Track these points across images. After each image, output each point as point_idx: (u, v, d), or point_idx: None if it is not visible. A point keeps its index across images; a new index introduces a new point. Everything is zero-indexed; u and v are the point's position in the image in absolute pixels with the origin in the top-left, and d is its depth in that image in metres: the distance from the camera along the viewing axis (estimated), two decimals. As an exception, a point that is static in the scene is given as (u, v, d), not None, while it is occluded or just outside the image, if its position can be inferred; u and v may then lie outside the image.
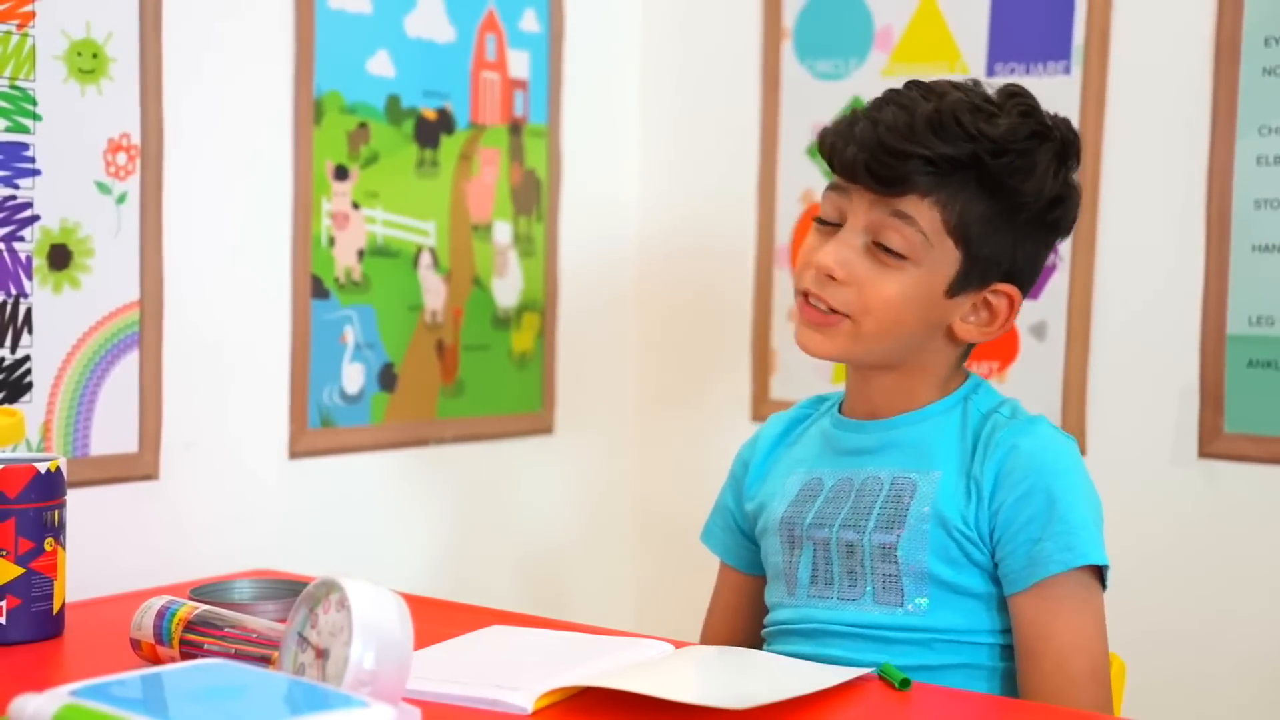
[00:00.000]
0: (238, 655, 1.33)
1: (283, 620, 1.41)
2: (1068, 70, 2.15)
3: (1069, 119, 1.54)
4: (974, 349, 1.59)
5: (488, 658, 1.45)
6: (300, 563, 1.97)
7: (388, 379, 2.17)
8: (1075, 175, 1.53)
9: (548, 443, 2.43)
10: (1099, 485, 1.50)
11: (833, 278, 1.49)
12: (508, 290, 2.35)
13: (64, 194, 1.78)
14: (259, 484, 2.02)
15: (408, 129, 2.18)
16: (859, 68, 2.34)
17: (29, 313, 1.75)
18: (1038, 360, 2.17)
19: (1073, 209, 1.54)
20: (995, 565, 1.48)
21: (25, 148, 1.74)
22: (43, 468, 1.50)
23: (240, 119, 1.97)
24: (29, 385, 1.75)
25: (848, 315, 1.49)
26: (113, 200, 1.82)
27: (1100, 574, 1.47)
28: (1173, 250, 2.08)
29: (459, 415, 2.28)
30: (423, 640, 1.33)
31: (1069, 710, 1.41)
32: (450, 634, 1.52)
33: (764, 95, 2.44)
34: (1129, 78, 2.11)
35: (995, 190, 1.47)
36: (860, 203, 1.49)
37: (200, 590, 1.54)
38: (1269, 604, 2.01)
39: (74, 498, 1.63)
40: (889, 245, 1.47)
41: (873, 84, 2.31)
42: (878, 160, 1.46)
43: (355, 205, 2.12)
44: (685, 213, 2.53)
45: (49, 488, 1.51)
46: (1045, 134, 1.49)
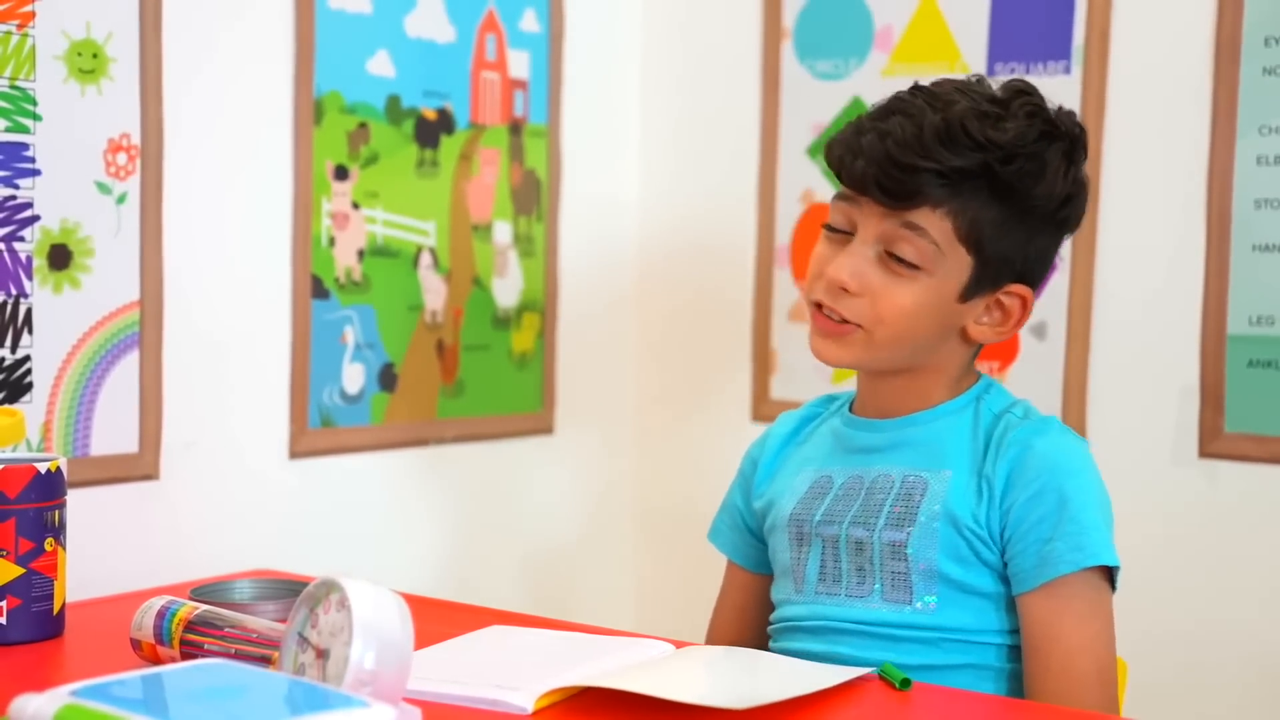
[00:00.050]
0: (238, 655, 1.33)
1: (283, 620, 1.41)
2: (1068, 70, 2.15)
3: (1074, 111, 1.54)
4: (984, 347, 1.59)
5: (488, 658, 1.45)
6: (300, 563, 1.97)
7: (388, 379, 2.17)
8: (1083, 169, 1.53)
9: (548, 443, 2.43)
10: (1099, 485, 1.50)
11: (845, 290, 1.49)
12: (508, 290, 2.35)
13: (64, 194, 1.78)
14: (259, 484, 2.02)
15: (408, 129, 2.18)
16: (859, 68, 2.34)
17: (29, 313, 1.75)
18: (1038, 360, 2.17)
19: (1082, 204, 1.54)
20: (1005, 565, 1.48)
21: (25, 148, 1.74)
22: (43, 468, 1.50)
23: (240, 119, 1.97)
24: (29, 385, 1.75)
25: (860, 325, 1.49)
26: (113, 200, 1.82)
27: (1110, 576, 1.47)
28: (1173, 250, 2.08)
29: (459, 415, 2.28)
30: (423, 640, 1.33)
31: (1069, 710, 1.41)
32: (450, 634, 1.52)
33: (764, 95, 2.44)
34: (1129, 78, 2.11)
35: (1006, 196, 1.47)
36: (870, 213, 1.49)
37: (200, 590, 1.54)
38: (1269, 604, 2.01)
39: (74, 498, 1.63)
40: (901, 255, 1.47)
41: (873, 84, 2.31)
42: (887, 175, 1.45)
43: (355, 205, 2.12)
44: (685, 212, 2.53)
45: (49, 488, 1.51)
46: (1053, 133, 1.49)
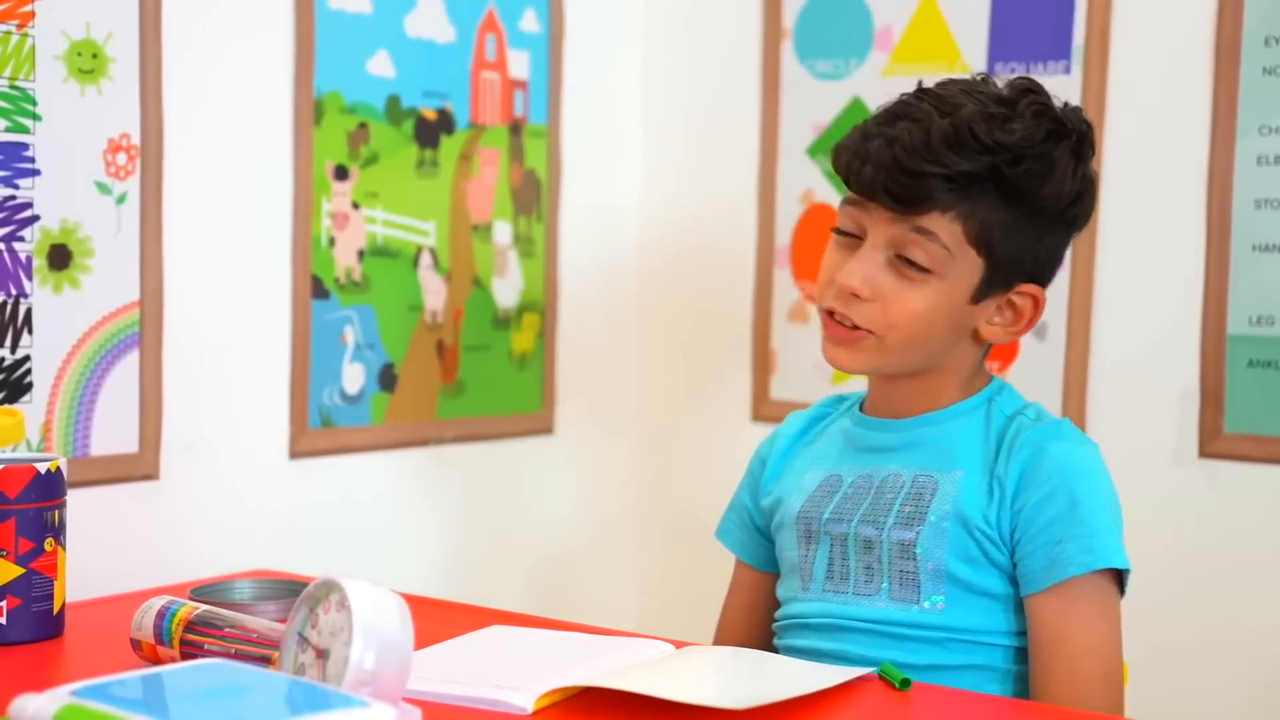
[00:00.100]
0: (238, 655, 1.33)
1: (283, 620, 1.41)
2: (1068, 70, 2.15)
3: (1080, 108, 1.54)
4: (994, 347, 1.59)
5: (488, 658, 1.45)
6: (300, 563, 1.97)
7: (388, 379, 2.17)
8: (1092, 166, 1.53)
9: (548, 443, 2.43)
10: (1100, 485, 1.50)
11: (857, 295, 1.49)
12: (508, 290, 2.35)
13: (64, 194, 1.78)
14: (259, 484, 2.02)
15: (408, 129, 2.18)
16: (859, 68, 2.34)
17: (29, 313, 1.75)
18: (1038, 360, 2.17)
19: (1091, 201, 1.53)
20: (1014, 566, 1.48)
21: (25, 148, 1.74)
22: (43, 468, 1.50)
23: (240, 119, 1.97)
24: (29, 385, 1.75)
25: (872, 331, 1.49)
26: (113, 200, 1.82)
27: (1120, 580, 1.47)
28: (1173, 250, 2.08)
29: (459, 415, 2.28)
30: (423, 640, 1.33)
31: (1069, 710, 1.41)
32: (451, 634, 1.52)
33: (764, 95, 2.44)
34: (1129, 78, 2.11)
35: (1015, 197, 1.46)
36: (880, 218, 1.48)
37: (200, 590, 1.54)
38: (1270, 604, 2.01)
39: (74, 498, 1.63)
40: (913, 259, 1.47)
41: (873, 84, 2.31)
42: (896, 181, 1.45)
43: (355, 205, 2.12)
44: (685, 212, 2.53)
45: (49, 488, 1.51)
46: (1061, 131, 1.49)
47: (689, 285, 2.53)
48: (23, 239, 1.75)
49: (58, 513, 1.52)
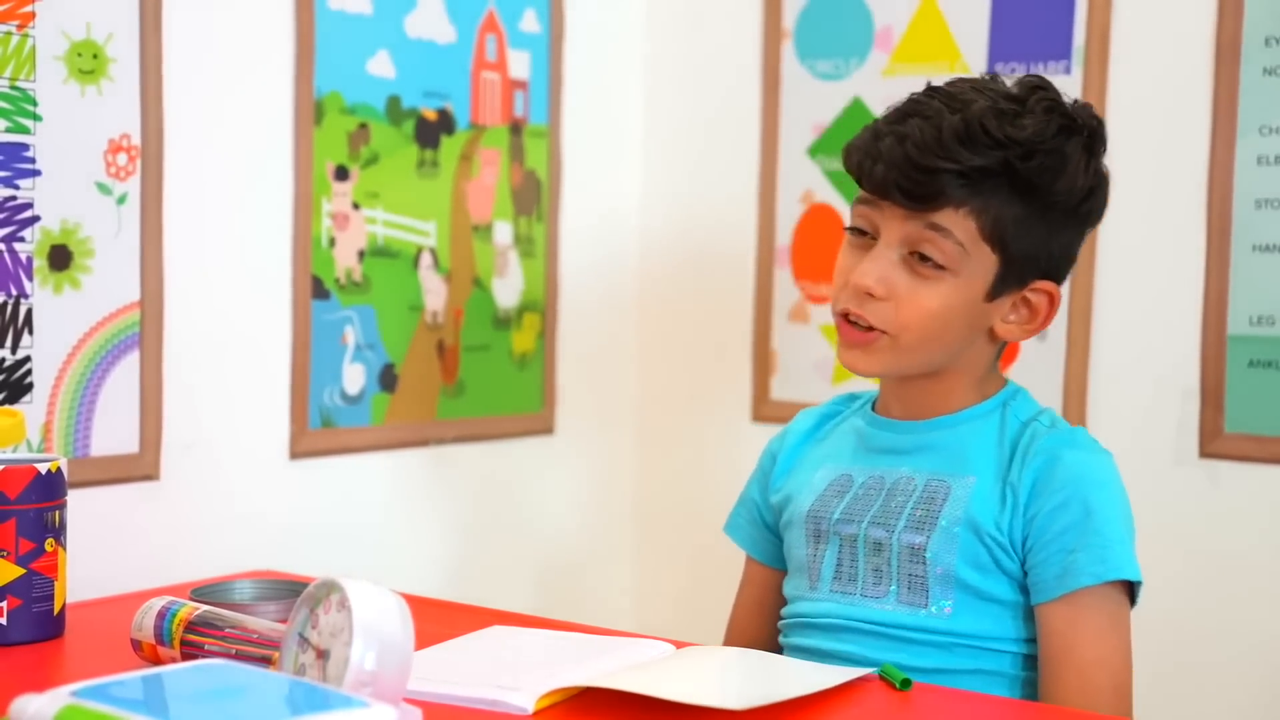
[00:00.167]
0: (238, 656, 1.33)
1: (283, 621, 1.41)
2: (1068, 70, 2.15)
3: (1090, 104, 1.54)
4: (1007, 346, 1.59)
5: (488, 658, 1.45)
6: (301, 563, 1.97)
7: (388, 379, 2.17)
8: (1104, 161, 1.53)
9: (548, 443, 2.43)
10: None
11: (871, 295, 1.48)
12: (508, 291, 2.35)
13: (64, 194, 1.78)
14: (259, 484, 2.02)
15: (408, 129, 2.18)
16: (859, 68, 2.34)
17: (29, 313, 1.75)
18: (1038, 360, 2.17)
19: (1104, 196, 1.53)
20: (1024, 573, 1.47)
21: (25, 148, 1.74)
22: (43, 468, 1.50)
23: (240, 119, 1.97)
24: (29, 386, 1.75)
25: (885, 331, 1.49)
26: (113, 201, 1.82)
27: (1131, 591, 1.47)
28: (1173, 250, 2.08)
29: (459, 416, 2.28)
30: (423, 641, 1.33)
31: (1069, 710, 1.41)
32: (451, 634, 1.52)
33: (764, 95, 2.44)
34: (1129, 78, 2.11)
35: (1028, 192, 1.46)
36: (893, 217, 1.48)
37: (201, 591, 1.54)
38: (1270, 604, 2.01)
39: (74, 498, 1.63)
40: (928, 256, 1.47)
41: (873, 84, 2.31)
42: (908, 178, 1.45)
43: (356, 206, 2.12)
44: (685, 212, 2.53)
45: (50, 488, 1.51)
46: (1072, 127, 1.49)
47: (689, 285, 2.53)
48: (23, 239, 1.75)
49: (58, 513, 1.52)
